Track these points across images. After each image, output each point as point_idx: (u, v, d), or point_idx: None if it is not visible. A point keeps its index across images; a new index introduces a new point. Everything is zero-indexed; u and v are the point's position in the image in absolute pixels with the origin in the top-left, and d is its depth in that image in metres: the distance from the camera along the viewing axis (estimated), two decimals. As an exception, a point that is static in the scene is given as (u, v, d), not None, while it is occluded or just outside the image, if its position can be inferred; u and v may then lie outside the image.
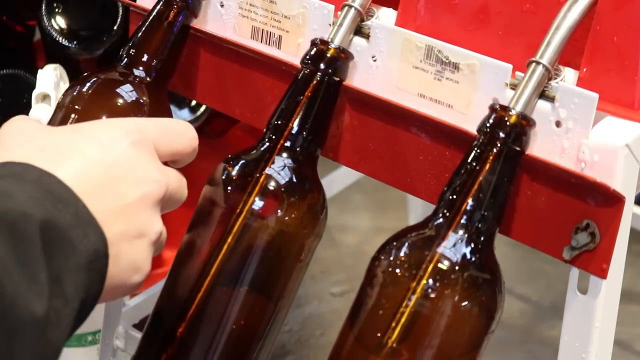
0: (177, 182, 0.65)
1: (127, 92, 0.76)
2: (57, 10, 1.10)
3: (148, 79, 0.77)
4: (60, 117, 0.75)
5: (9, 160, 0.58)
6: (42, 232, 0.54)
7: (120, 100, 0.76)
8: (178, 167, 0.66)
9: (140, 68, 0.78)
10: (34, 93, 0.92)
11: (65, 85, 0.95)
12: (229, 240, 0.68)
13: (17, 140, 0.61)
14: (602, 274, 0.63)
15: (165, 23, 0.79)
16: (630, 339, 1.35)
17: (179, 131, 0.67)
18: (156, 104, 0.77)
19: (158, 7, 0.78)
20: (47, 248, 0.54)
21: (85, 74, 0.78)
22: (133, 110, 0.75)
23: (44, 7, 1.10)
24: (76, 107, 0.75)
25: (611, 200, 0.61)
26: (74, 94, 0.76)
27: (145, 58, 0.77)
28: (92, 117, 0.73)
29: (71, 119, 0.74)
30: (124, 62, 0.78)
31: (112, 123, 0.64)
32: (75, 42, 1.09)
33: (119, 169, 0.61)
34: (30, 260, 0.53)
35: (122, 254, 0.60)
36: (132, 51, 0.78)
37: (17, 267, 0.52)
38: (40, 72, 0.94)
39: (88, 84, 0.77)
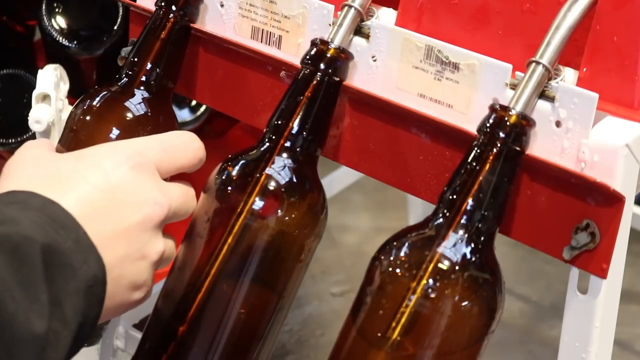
0: (181, 199, 0.68)
1: (134, 106, 0.78)
2: (57, 10, 1.10)
3: (151, 91, 0.77)
4: (69, 135, 0.77)
5: (16, 188, 0.61)
6: (44, 256, 0.56)
7: (129, 115, 0.77)
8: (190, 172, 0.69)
9: (143, 80, 0.78)
10: (34, 93, 0.92)
11: (65, 85, 0.94)
12: (229, 240, 0.68)
13: (24, 168, 0.64)
14: (602, 273, 0.63)
15: (162, 34, 0.79)
16: (630, 339, 1.35)
17: (182, 145, 0.70)
18: (162, 115, 0.79)
19: (154, 18, 0.78)
20: (49, 271, 0.56)
21: (91, 90, 0.79)
22: (141, 123, 0.78)
23: (44, 7, 1.10)
24: (85, 123, 0.78)
25: (611, 200, 0.61)
26: (83, 109, 0.78)
27: (146, 71, 0.78)
28: (101, 133, 0.75)
29: (80, 136, 0.76)
30: (126, 75, 0.78)
31: (114, 148, 0.67)
32: (75, 42, 1.10)
33: (120, 193, 0.63)
34: (32, 282, 0.55)
35: (123, 275, 0.62)
36: (133, 66, 0.78)
37: (19, 287, 0.54)
38: (40, 72, 0.93)
39: (95, 100, 0.78)
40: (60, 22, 1.10)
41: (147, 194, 0.65)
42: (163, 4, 0.77)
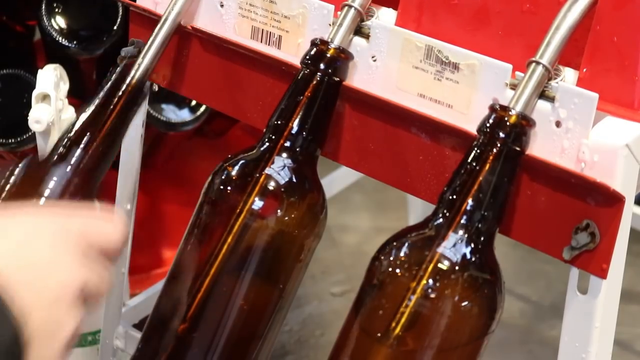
0: (96, 280, 0.68)
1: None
2: (57, 10, 1.11)
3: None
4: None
5: None
6: None
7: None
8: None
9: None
10: (34, 93, 0.92)
11: (65, 85, 0.95)
12: (229, 240, 0.69)
13: None
14: (602, 274, 0.63)
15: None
16: (631, 339, 1.35)
17: (106, 230, 0.70)
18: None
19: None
20: None
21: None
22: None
23: (44, 7, 1.10)
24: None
25: (611, 200, 0.61)
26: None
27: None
28: None
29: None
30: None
31: (37, 224, 0.67)
32: (75, 42, 1.10)
33: (36, 269, 0.64)
34: None
35: (34, 351, 0.63)
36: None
37: None
38: (40, 72, 0.94)
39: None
40: (60, 22, 1.10)
41: (63, 272, 0.65)
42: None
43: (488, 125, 0.63)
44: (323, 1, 0.73)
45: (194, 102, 1.15)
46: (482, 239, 0.62)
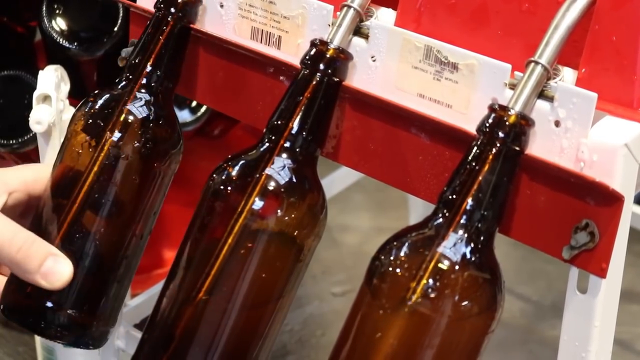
0: None
1: (137, 108, 0.79)
2: (57, 11, 1.11)
3: (154, 94, 0.78)
4: (70, 139, 0.79)
5: None
6: None
7: (131, 117, 0.78)
8: None
9: (144, 83, 0.78)
10: (35, 94, 0.93)
11: (66, 86, 0.95)
12: (229, 240, 0.69)
13: None
14: (602, 273, 0.63)
15: (162, 37, 0.79)
16: (631, 339, 1.36)
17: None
18: (164, 118, 0.80)
19: (153, 20, 0.79)
20: None
21: (92, 93, 0.81)
22: (144, 125, 0.78)
23: (44, 9, 1.11)
24: (87, 125, 0.78)
25: (610, 200, 0.61)
26: (84, 111, 0.79)
27: (147, 72, 0.79)
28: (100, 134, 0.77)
29: (83, 139, 0.78)
30: (128, 78, 0.78)
31: None
32: (75, 44, 1.10)
33: None
34: None
35: None
36: (133, 67, 0.78)
37: None
38: (41, 73, 0.94)
39: (98, 102, 0.79)
40: (60, 23, 1.11)
41: None
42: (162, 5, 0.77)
43: (487, 125, 0.62)
44: (322, 1, 0.73)
45: (194, 103, 1.16)
46: (482, 238, 0.62)
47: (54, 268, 0.73)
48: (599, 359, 0.67)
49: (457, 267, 0.62)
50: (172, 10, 0.77)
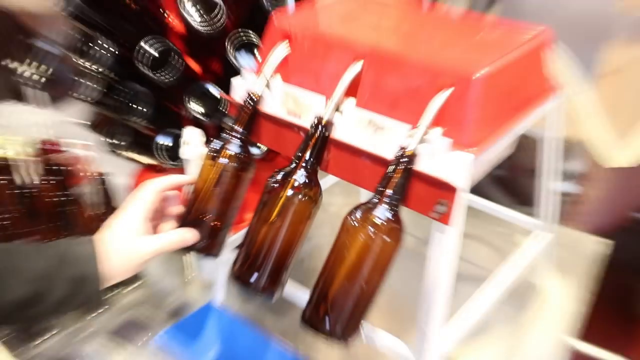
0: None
1: (233, 148, 0.86)
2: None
3: (243, 142, 0.88)
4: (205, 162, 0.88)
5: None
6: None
7: (231, 152, 0.86)
8: None
9: (238, 137, 0.88)
10: (182, 141, 1.08)
11: (202, 137, 1.10)
12: (275, 210, 0.85)
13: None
14: (449, 224, 0.81)
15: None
16: (465, 256, 1.38)
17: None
18: (246, 152, 0.88)
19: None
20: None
21: (213, 141, 0.87)
22: (237, 156, 0.88)
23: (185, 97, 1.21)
24: (211, 156, 0.87)
25: (453, 189, 0.80)
26: (209, 148, 0.87)
27: (239, 132, 0.88)
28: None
29: (209, 162, 0.87)
30: (227, 134, 0.86)
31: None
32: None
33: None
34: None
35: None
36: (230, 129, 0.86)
37: None
38: (185, 130, 1.10)
39: (216, 145, 0.86)
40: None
41: None
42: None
43: (397, 155, 0.80)
44: (319, 94, 0.89)
45: (261, 145, 1.24)
46: (395, 207, 0.80)
47: (186, 235, 0.87)
48: (447, 265, 0.84)
49: (381, 219, 0.79)
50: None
